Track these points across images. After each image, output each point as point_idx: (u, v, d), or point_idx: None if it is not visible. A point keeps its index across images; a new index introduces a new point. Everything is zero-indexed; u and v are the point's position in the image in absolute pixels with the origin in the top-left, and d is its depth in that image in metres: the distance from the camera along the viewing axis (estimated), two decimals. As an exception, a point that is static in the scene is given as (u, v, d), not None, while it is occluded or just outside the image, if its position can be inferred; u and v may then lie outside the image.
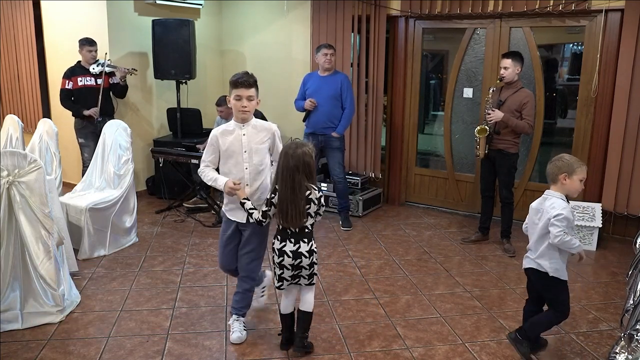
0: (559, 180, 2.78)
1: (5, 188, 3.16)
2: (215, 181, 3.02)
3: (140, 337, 3.16)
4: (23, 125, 5.06)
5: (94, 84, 5.33)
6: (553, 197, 2.80)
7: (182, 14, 6.18)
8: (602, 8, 4.62)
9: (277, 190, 2.79)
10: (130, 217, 4.68)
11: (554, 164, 2.81)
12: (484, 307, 3.60)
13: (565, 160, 2.79)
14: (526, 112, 4.33)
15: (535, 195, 5.23)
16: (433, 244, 4.85)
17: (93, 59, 5.35)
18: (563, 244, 2.71)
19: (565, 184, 2.77)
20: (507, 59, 4.36)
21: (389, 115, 5.99)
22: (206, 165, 3.10)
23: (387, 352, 3.03)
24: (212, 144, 3.05)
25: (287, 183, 2.74)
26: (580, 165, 2.78)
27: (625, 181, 4.68)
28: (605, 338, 3.21)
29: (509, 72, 4.34)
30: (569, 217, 2.72)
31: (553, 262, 2.79)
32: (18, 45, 6.62)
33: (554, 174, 2.79)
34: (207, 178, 3.07)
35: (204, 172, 3.09)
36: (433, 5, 5.36)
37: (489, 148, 4.50)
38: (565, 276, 2.83)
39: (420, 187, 6.02)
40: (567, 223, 2.72)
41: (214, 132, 3.07)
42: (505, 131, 4.41)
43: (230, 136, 3.01)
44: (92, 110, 5.26)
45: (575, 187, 2.78)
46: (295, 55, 6.28)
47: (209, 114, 6.49)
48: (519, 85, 4.44)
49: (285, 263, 2.85)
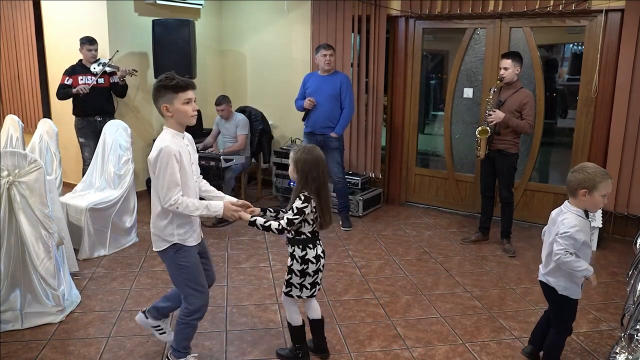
0: (578, 196, 2.53)
1: (5, 188, 3.16)
2: (208, 208, 2.54)
3: (141, 337, 3.16)
4: (23, 125, 5.05)
5: (95, 82, 5.34)
6: (568, 211, 2.59)
7: (182, 14, 6.18)
8: (602, 8, 4.62)
9: (309, 197, 2.64)
10: (131, 217, 4.68)
11: (574, 175, 2.54)
12: (484, 307, 3.60)
13: (587, 173, 2.50)
14: (526, 112, 4.34)
15: (536, 196, 5.34)
16: (433, 244, 4.85)
17: (93, 58, 5.36)
18: (563, 264, 2.54)
19: (585, 200, 2.53)
20: (507, 60, 4.36)
21: (389, 116, 6.00)
22: (180, 192, 2.49)
23: (387, 352, 3.03)
24: (176, 161, 2.48)
25: (325, 187, 2.69)
26: (603, 180, 2.49)
27: (626, 181, 4.68)
28: (605, 338, 3.21)
29: (509, 72, 4.34)
30: (575, 236, 2.51)
31: (561, 280, 2.65)
32: (18, 45, 6.62)
33: (573, 188, 2.54)
34: (190, 209, 2.49)
35: (184, 203, 2.47)
36: (433, 5, 5.36)
37: (489, 148, 4.50)
38: (576, 295, 2.67)
39: (421, 187, 6.02)
40: (572, 243, 2.52)
41: (170, 147, 2.47)
42: (506, 131, 4.41)
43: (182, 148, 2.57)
44: (80, 87, 5.24)
45: (595, 204, 2.54)
46: (296, 55, 6.28)
47: (209, 114, 6.49)
48: (519, 86, 4.44)
49: (320, 266, 2.79)
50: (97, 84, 5.34)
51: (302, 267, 2.73)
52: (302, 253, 2.72)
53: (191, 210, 2.51)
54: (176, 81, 2.52)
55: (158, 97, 2.54)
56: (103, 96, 5.40)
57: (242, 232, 5.07)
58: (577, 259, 2.53)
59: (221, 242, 4.82)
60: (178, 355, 2.75)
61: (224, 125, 5.71)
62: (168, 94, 2.52)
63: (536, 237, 5.01)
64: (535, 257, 4.47)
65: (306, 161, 2.66)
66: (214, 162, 5.18)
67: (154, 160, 2.49)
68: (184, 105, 2.55)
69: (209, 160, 5.24)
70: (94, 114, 5.34)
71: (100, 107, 5.38)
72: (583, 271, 2.53)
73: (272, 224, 2.65)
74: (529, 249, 4.69)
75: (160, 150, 2.47)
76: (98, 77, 5.34)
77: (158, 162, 2.47)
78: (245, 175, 5.97)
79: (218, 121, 5.75)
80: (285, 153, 5.99)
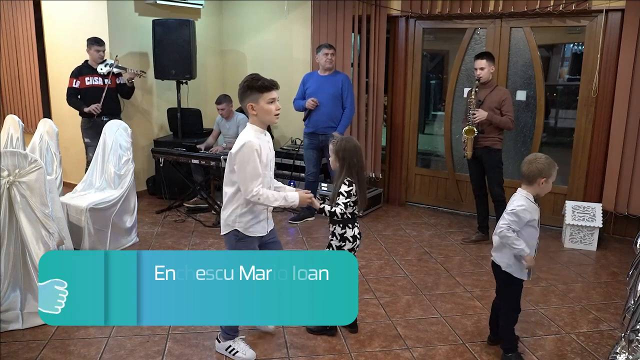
0: (537, 183, 2.76)
1: (5, 188, 3.16)
2: (285, 199, 2.75)
3: (141, 337, 3.16)
4: (23, 125, 5.05)
5: (102, 83, 5.33)
6: (519, 194, 2.81)
7: (182, 14, 6.18)
8: (603, 8, 4.61)
9: (352, 181, 2.96)
10: (131, 217, 4.68)
11: (534, 165, 2.75)
12: (484, 307, 3.60)
13: (543, 162, 2.75)
14: (506, 108, 4.48)
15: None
16: (433, 244, 4.85)
17: (100, 59, 5.34)
18: (503, 238, 2.74)
19: (542, 187, 2.76)
20: (482, 60, 4.49)
21: (390, 115, 5.99)
22: (260, 184, 2.67)
23: (388, 352, 3.03)
24: (257, 156, 2.66)
25: (362, 171, 3.00)
26: (555, 168, 2.78)
27: (626, 181, 4.68)
28: (605, 338, 3.21)
29: (485, 72, 4.49)
30: (520, 214, 2.72)
31: (505, 257, 2.82)
32: (19, 45, 6.62)
33: (533, 176, 2.76)
34: (270, 200, 2.69)
35: (264, 195, 2.66)
36: (433, 5, 5.36)
37: (475, 147, 4.55)
38: (519, 274, 2.82)
39: (421, 187, 6.02)
40: (516, 220, 2.72)
41: (253, 141, 2.65)
42: (489, 128, 4.52)
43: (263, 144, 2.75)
44: (93, 107, 5.25)
45: (548, 189, 2.80)
46: (296, 55, 6.28)
47: (209, 114, 6.49)
48: (494, 84, 4.60)
49: (355, 246, 3.06)
50: (104, 84, 5.32)
51: (339, 244, 3.01)
52: (342, 231, 3.01)
53: (271, 201, 2.70)
54: (261, 82, 2.71)
55: (244, 96, 2.73)
56: (110, 97, 5.38)
57: (243, 232, 5.06)
58: (516, 238, 2.73)
59: (221, 242, 4.79)
60: (226, 337, 2.94)
61: (225, 124, 5.71)
62: (254, 94, 2.71)
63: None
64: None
65: (346, 149, 2.96)
66: (214, 162, 5.18)
67: (235, 153, 2.67)
68: (268, 105, 2.73)
69: (209, 160, 5.24)
70: (101, 115, 5.33)
71: (107, 107, 5.36)
72: (519, 250, 2.72)
73: (336, 210, 2.95)
74: (529, 249, 4.69)
75: (243, 144, 2.65)
76: (105, 78, 5.32)
77: (239, 155, 2.65)
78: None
79: (219, 121, 5.75)
80: (286, 153, 5.99)
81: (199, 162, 5.36)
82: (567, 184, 5.15)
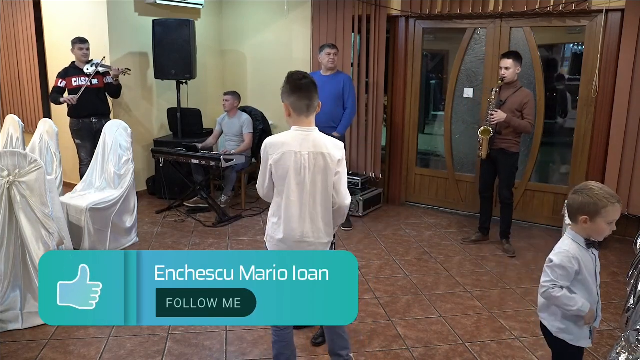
0: (579, 222, 2.09)
1: (5, 188, 3.16)
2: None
3: (141, 337, 3.16)
4: (23, 125, 5.05)
5: (89, 84, 5.31)
6: (566, 237, 2.16)
7: (182, 14, 6.18)
8: (603, 8, 4.61)
9: None
10: (131, 217, 4.68)
11: (575, 197, 2.08)
12: (484, 307, 3.60)
13: (590, 195, 2.04)
14: (527, 112, 4.34)
15: (536, 196, 5.33)
16: (433, 244, 4.85)
17: (85, 57, 5.30)
18: (550, 299, 2.11)
19: (586, 227, 2.07)
20: (508, 59, 4.35)
21: (390, 115, 6.00)
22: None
23: (388, 352, 3.03)
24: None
25: None
26: (609, 204, 2.01)
27: (626, 181, 4.68)
28: (605, 338, 3.21)
29: (510, 72, 4.34)
30: (564, 264, 2.07)
31: (555, 319, 2.19)
32: (19, 45, 6.62)
33: (573, 212, 2.10)
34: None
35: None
36: (433, 5, 5.36)
37: (490, 148, 4.49)
38: (577, 341, 2.17)
39: (421, 187, 6.02)
40: (562, 274, 2.07)
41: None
42: (507, 131, 4.41)
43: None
44: (68, 97, 5.20)
45: (600, 231, 2.07)
46: (296, 55, 6.28)
47: (209, 114, 6.49)
48: (519, 85, 4.44)
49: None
50: (92, 84, 5.30)
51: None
52: None
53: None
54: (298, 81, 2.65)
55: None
56: (98, 97, 5.35)
57: (243, 232, 5.07)
58: (569, 295, 2.07)
59: (221, 242, 4.82)
60: None
61: (227, 122, 5.69)
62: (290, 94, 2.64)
63: (536, 237, 5.02)
64: (535, 258, 4.48)
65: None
66: (214, 162, 5.18)
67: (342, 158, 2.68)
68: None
69: (209, 160, 5.24)
70: (89, 116, 5.29)
71: (95, 108, 5.32)
72: (576, 311, 2.07)
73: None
74: (529, 249, 4.69)
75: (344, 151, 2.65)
76: (92, 78, 5.30)
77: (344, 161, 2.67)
78: (245, 175, 5.97)
79: (221, 120, 5.74)
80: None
81: (199, 162, 5.36)
82: (567, 184, 5.16)
